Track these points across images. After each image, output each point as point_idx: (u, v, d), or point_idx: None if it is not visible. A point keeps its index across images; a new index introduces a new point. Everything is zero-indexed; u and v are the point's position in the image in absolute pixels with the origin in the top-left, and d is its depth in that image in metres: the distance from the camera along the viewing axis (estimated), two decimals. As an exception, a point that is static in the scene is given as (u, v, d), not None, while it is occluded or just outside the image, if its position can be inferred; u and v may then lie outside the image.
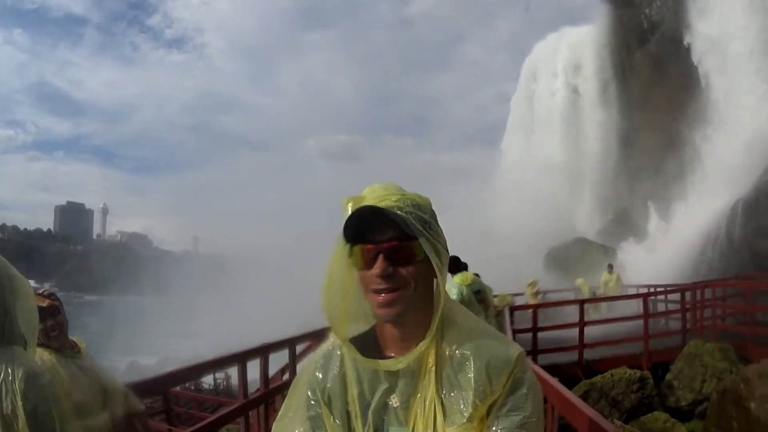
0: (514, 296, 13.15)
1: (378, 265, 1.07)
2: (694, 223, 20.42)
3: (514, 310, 9.86)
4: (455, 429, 1.06)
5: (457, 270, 6.68)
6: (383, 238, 1.08)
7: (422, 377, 1.10)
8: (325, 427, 1.14)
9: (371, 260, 1.08)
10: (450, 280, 6.39)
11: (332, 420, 1.13)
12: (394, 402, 1.11)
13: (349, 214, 1.08)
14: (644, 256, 22.36)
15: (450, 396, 1.08)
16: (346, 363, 1.16)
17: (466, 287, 6.32)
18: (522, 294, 15.23)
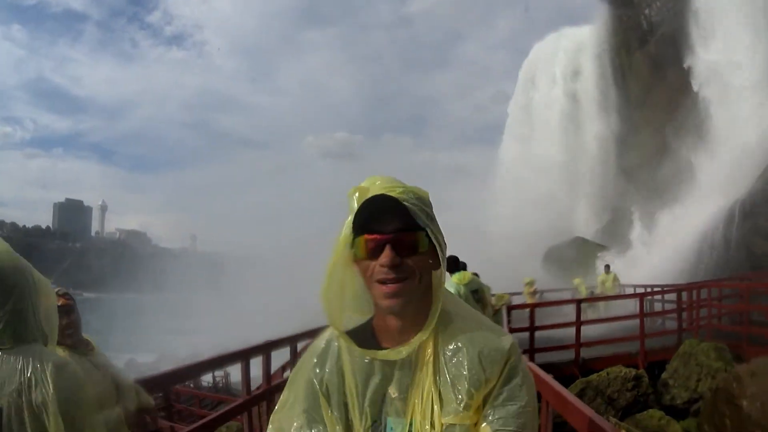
0: (512, 295, 13.21)
1: (385, 255, 1.06)
2: (682, 230, 20.18)
3: (511, 309, 9.91)
4: (452, 418, 1.07)
5: (456, 269, 6.73)
6: (389, 228, 1.07)
7: (419, 368, 1.11)
8: (322, 419, 1.15)
9: (377, 250, 1.07)
10: (448, 280, 6.45)
11: (330, 412, 1.14)
12: (392, 393, 1.12)
13: (361, 203, 1.08)
14: (626, 267, 20.61)
15: (446, 386, 1.09)
16: (343, 355, 1.17)
17: (463, 286, 6.39)
18: (520, 293, 15.28)
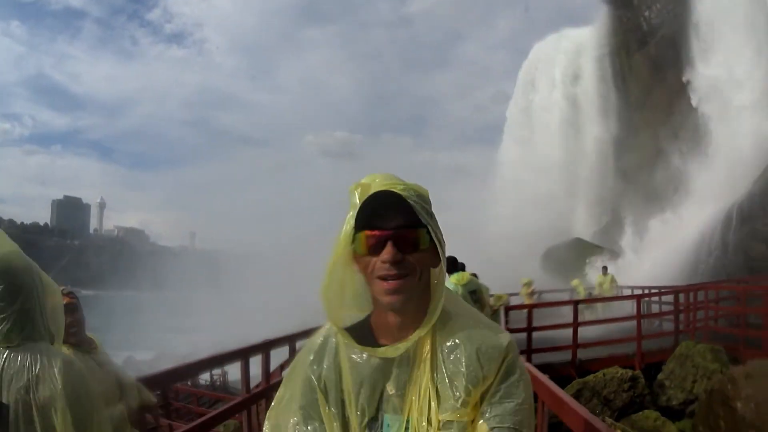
0: (510, 296, 13.25)
1: (387, 251, 1.06)
2: (672, 237, 20.24)
3: (509, 309, 9.95)
4: (449, 415, 1.07)
5: (454, 270, 6.80)
6: (391, 224, 1.08)
7: (417, 365, 1.11)
8: (319, 415, 1.14)
9: (378, 246, 1.08)
10: (446, 280, 6.50)
11: (327, 408, 1.14)
12: (389, 390, 1.12)
13: (363, 199, 1.09)
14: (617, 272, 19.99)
15: (444, 383, 1.09)
16: (340, 352, 1.16)
17: (461, 287, 6.47)
18: (518, 293, 15.31)
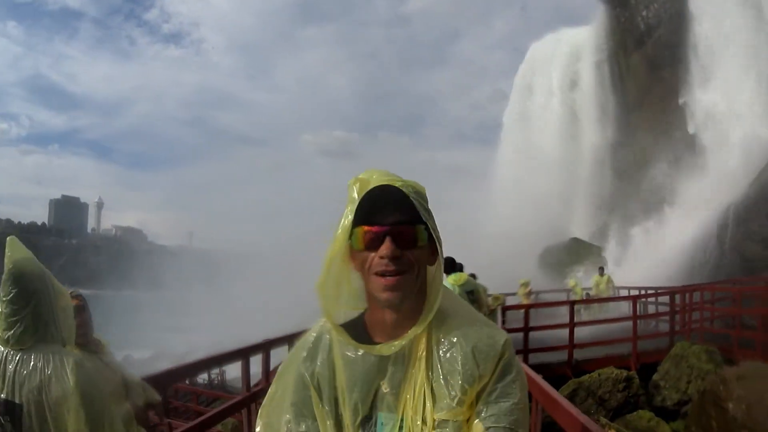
0: (507, 296, 13.34)
1: (386, 247, 1.05)
2: (668, 239, 20.35)
3: (506, 309, 10.02)
4: (444, 414, 1.06)
5: (452, 271, 6.83)
6: (390, 220, 1.06)
7: (412, 363, 1.10)
8: (311, 413, 1.13)
9: (376, 242, 1.06)
10: (444, 281, 6.55)
11: (321, 406, 1.13)
12: (383, 388, 1.10)
13: (362, 194, 1.08)
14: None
15: (439, 382, 1.08)
16: (334, 349, 1.15)
17: (459, 287, 6.49)
18: (515, 293, 15.38)
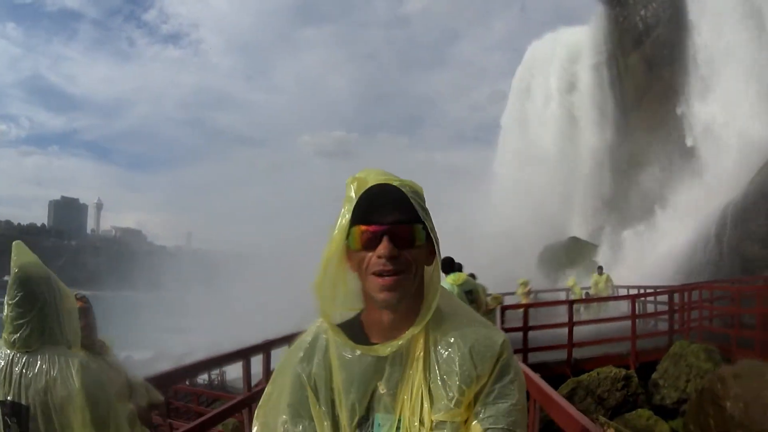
0: (506, 295, 13.41)
1: (383, 246, 1.04)
2: (665, 239, 20.34)
3: (505, 309, 10.04)
4: (442, 415, 1.05)
5: (451, 270, 6.84)
6: (387, 219, 1.05)
7: (410, 364, 1.09)
8: (308, 413, 1.12)
9: (374, 241, 1.05)
10: (442, 280, 6.56)
11: (318, 407, 1.11)
12: (380, 389, 1.09)
13: (360, 193, 1.06)
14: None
15: (437, 383, 1.06)
16: (331, 349, 1.13)
17: (457, 287, 6.48)
18: (513, 293, 15.42)
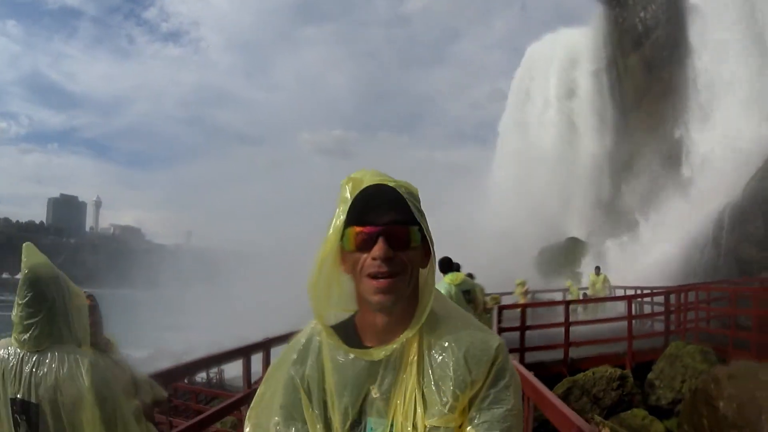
0: (503, 295, 13.48)
1: (378, 247, 1.02)
2: (662, 239, 20.37)
3: (502, 309, 10.10)
4: (435, 421, 1.03)
5: (449, 270, 6.87)
6: (383, 220, 1.03)
7: (403, 368, 1.08)
8: (301, 416, 1.11)
9: (369, 242, 1.03)
10: (440, 280, 6.61)
11: (311, 409, 1.10)
12: (373, 393, 1.08)
13: (355, 193, 1.05)
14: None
15: (431, 387, 1.05)
16: (324, 351, 1.13)
17: (455, 286, 6.51)
18: (511, 293, 15.48)
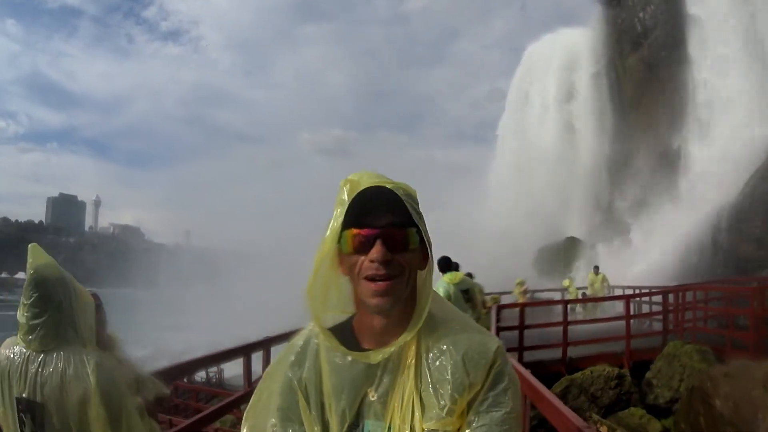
0: (502, 294, 13.55)
1: (376, 250, 1.01)
2: (661, 238, 20.46)
3: (501, 308, 10.14)
4: (433, 424, 1.03)
5: (448, 269, 6.89)
6: (381, 222, 1.03)
7: (401, 371, 1.07)
8: (298, 418, 1.10)
9: (367, 245, 1.03)
10: (439, 279, 6.63)
11: (309, 411, 1.10)
12: (371, 396, 1.07)
13: (352, 195, 1.04)
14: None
15: (428, 390, 1.04)
16: (321, 354, 1.12)
17: (453, 285, 6.51)
18: (510, 292, 15.53)
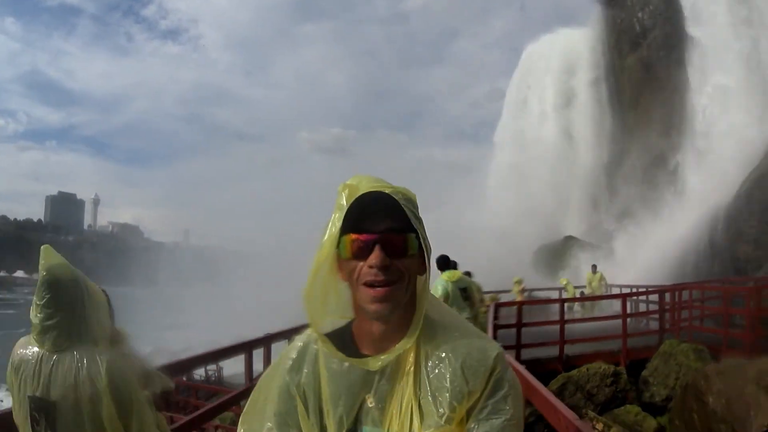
0: (502, 293, 13.64)
1: (375, 255, 1.01)
2: (659, 239, 20.56)
3: (499, 306, 10.22)
4: (432, 431, 1.02)
5: (446, 268, 6.91)
6: (379, 227, 1.02)
7: (400, 378, 1.06)
8: (296, 423, 1.10)
9: (366, 250, 1.02)
10: (437, 277, 6.67)
11: (307, 417, 1.09)
12: (369, 402, 1.07)
13: (351, 200, 1.04)
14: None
15: (427, 398, 1.03)
16: (320, 359, 1.11)
17: (452, 284, 6.50)
18: (509, 291, 15.63)
